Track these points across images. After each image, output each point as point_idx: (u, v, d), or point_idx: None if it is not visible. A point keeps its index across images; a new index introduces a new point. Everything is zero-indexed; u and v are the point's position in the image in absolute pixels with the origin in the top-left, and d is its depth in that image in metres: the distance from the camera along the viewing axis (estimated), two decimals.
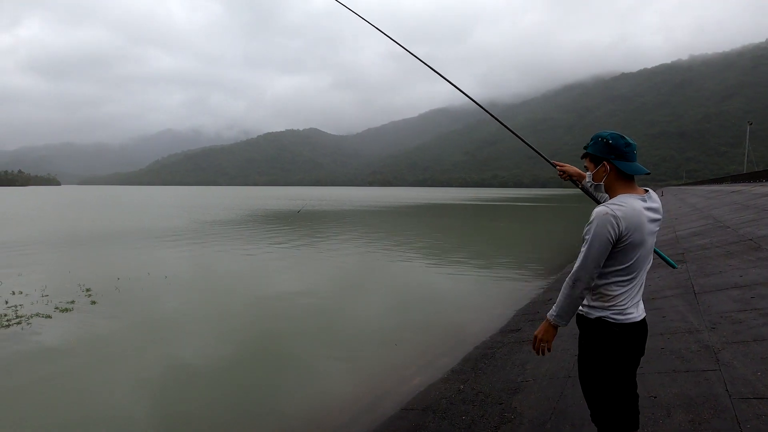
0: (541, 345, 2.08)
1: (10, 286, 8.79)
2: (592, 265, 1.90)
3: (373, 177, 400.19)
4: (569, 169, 2.61)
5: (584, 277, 1.91)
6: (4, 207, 41.13)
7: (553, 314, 2.03)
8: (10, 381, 4.86)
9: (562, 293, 2.00)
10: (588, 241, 1.90)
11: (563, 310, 2.00)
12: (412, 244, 16.09)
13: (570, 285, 1.95)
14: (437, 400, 4.13)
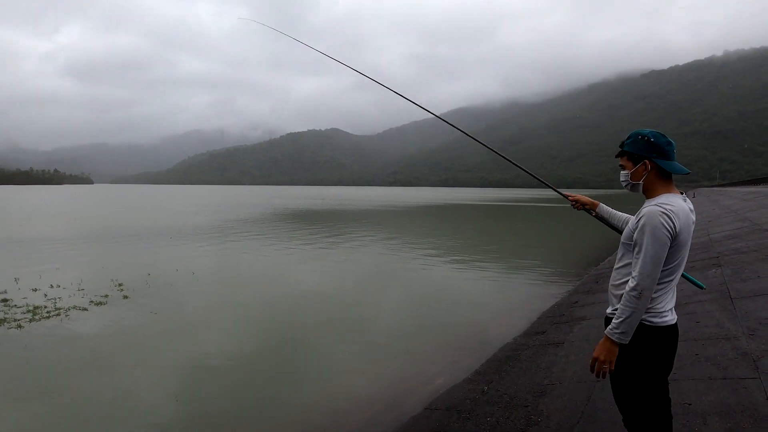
0: (603, 368, 1.91)
1: (48, 279, 9.21)
2: (654, 270, 1.79)
3: (394, 177, 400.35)
4: (582, 198, 2.54)
5: (648, 285, 1.80)
6: (41, 204, 43.07)
7: (617, 331, 1.86)
8: (50, 368, 5.10)
9: (625, 308, 1.83)
10: (644, 245, 1.81)
11: (629, 326, 1.83)
12: (432, 245, 16.03)
13: (635, 297, 1.81)
14: (461, 400, 4.11)
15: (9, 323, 6.44)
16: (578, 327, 5.62)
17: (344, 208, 41.46)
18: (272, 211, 34.41)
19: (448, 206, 46.79)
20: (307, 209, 38.41)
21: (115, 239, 16.78)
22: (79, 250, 14.03)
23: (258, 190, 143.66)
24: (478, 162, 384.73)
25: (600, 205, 2.50)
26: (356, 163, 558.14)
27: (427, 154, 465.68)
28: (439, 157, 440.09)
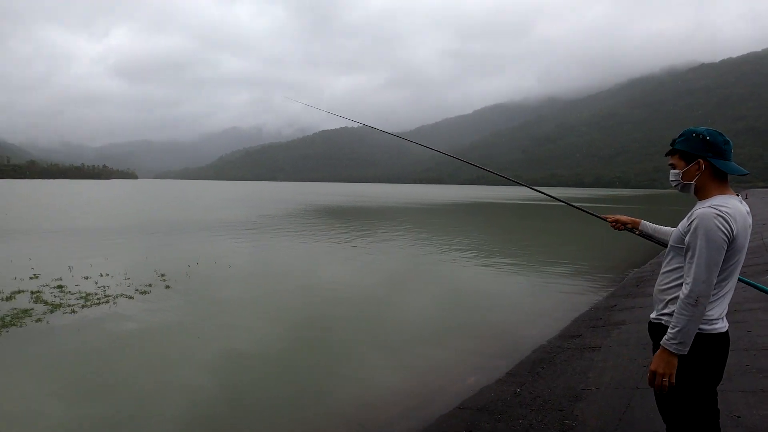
0: (663, 381, 1.81)
1: (98, 268, 9.80)
2: (710, 276, 1.71)
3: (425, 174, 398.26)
4: (621, 218, 2.46)
5: (704, 291, 1.72)
6: (91, 198, 45.78)
7: (674, 342, 1.77)
8: (99, 352, 5.43)
9: (681, 317, 1.75)
10: (698, 249, 1.72)
11: (687, 335, 1.75)
12: (462, 243, 15.86)
13: (692, 305, 1.72)
14: (493, 401, 4.07)
15: (64, 308, 6.91)
16: (616, 331, 5.43)
17: (374, 204, 41.66)
18: (304, 207, 35.06)
19: (479, 204, 46.09)
20: (338, 206, 38.87)
21: (158, 231, 17.61)
22: (125, 241, 14.83)
23: (291, 186, 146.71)
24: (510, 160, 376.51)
25: (642, 223, 2.42)
26: (388, 160, 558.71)
27: (458, 152, 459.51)
28: (470, 154, 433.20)
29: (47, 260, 10.79)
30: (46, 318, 6.46)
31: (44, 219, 21.85)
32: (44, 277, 8.94)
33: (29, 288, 8.03)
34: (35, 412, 4.08)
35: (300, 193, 72.50)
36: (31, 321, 6.32)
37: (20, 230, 17.00)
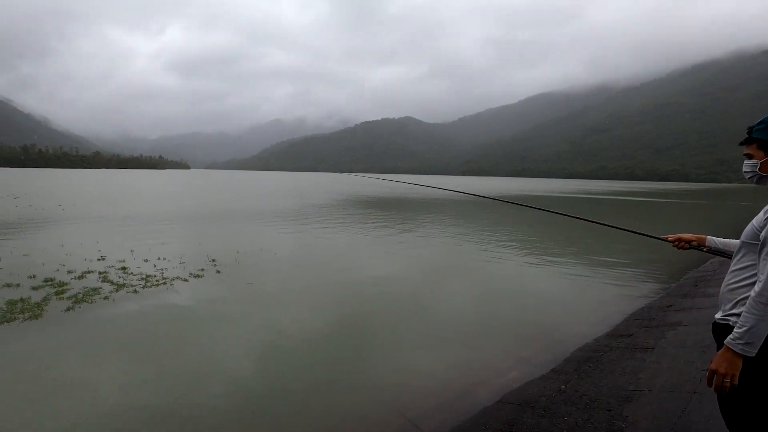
0: (724, 382, 1.73)
1: (156, 252, 10.49)
2: None
3: (467, 166, 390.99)
4: (685, 236, 2.35)
5: None
6: (149, 187, 48.78)
7: (740, 342, 1.68)
8: (157, 330, 5.85)
9: (750, 316, 1.66)
10: None
11: (756, 336, 1.65)
12: (505, 237, 15.51)
13: (764, 304, 1.63)
14: (536, 397, 4.01)
15: (128, 288, 7.47)
16: (672, 333, 5.15)
17: (415, 196, 41.52)
18: (345, 198, 35.55)
19: (523, 197, 44.74)
20: (379, 196, 39.09)
21: (210, 219, 18.53)
22: (180, 227, 15.74)
23: (332, 177, 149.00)
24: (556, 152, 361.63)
25: (708, 238, 2.30)
26: (429, 151, 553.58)
27: (502, 143, 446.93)
28: (514, 146, 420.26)
29: (112, 244, 11.67)
30: (112, 296, 7.02)
31: (109, 206, 23.58)
32: (110, 259, 9.69)
33: (97, 269, 8.74)
34: (98, 379, 4.47)
35: (342, 183, 73.55)
36: (100, 298, 6.90)
37: (89, 216, 18.46)
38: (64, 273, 8.36)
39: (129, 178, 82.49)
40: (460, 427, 3.70)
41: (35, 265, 8.95)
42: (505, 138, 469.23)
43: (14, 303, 6.48)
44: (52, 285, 7.52)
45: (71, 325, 5.83)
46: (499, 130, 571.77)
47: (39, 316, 6.05)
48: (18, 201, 24.73)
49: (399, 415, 3.98)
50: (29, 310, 6.18)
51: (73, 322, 5.92)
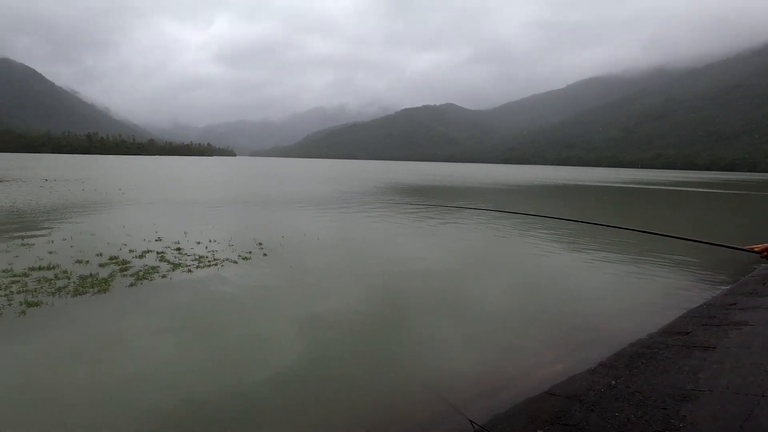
0: None
1: (207, 235, 11.04)
2: None
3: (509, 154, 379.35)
4: None
5: None
6: (198, 173, 51.15)
7: None
8: (210, 307, 6.18)
9: None
10: None
11: None
12: (550, 228, 15.00)
13: None
14: (584, 390, 3.90)
15: (182, 268, 7.93)
16: (736, 332, 4.82)
17: (455, 184, 40.93)
18: (385, 185, 35.65)
19: (570, 186, 42.92)
20: (418, 184, 38.88)
21: (255, 204, 19.22)
22: (229, 211, 16.44)
23: (372, 164, 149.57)
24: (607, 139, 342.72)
25: None
26: (470, 138, 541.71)
27: (547, 130, 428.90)
28: (561, 133, 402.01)
29: (167, 226, 12.39)
30: (169, 275, 7.48)
31: (164, 190, 24.99)
32: (166, 240, 10.31)
33: (155, 249, 9.33)
34: (155, 348, 4.80)
35: (382, 171, 73.71)
36: (158, 276, 7.37)
37: (146, 199, 19.68)
38: (126, 252, 9.00)
39: (180, 164, 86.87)
40: (504, 416, 3.68)
41: (101, 244, 9.68)
42: (550, 125, 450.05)
43: (85, 278, 7.07)
44: (117, 263, 8.11)
45: (134, 300, 6.28)
46: (545, 116, 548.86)
47: (106, 290, 6.56)
48: (84, 185, 26.75)
49: (440, 400, 4.01)
50: (98, 285, 6.71)
51: (136, 298, 6.38)
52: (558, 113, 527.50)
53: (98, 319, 5.55)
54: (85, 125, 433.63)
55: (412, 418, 3.78)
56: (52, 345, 4.85)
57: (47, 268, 7.63)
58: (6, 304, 5.85)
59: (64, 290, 6.46)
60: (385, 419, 3.75)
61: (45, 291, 6.40)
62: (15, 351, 4.67)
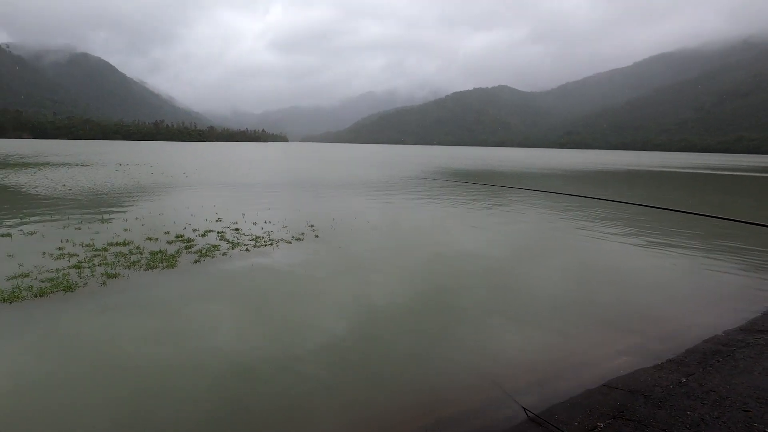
0: None
1: (263, 216, 11.50)
2: None
3: (566, 138, 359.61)
4: None
5: None
6: (254, 157, 53.32)
7: None
8: (264, 283, 6.45)
9: None
10: None
11: None
12: (611, 216, 14.10)
13: None
14: (649, 386, 3.65)
15: (241, 247, 8.34)
16: None
17: (505, 169, 39.56)
18: (434, 170, 35.20)
19: (637, 172, 40.00)
20: (468, 169, 37.99)
21: (308, 187, 19.74)
22: (284, 194, 17.03)
23: (421, 149, 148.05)
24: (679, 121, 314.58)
25: None
26: (523, 122, 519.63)
27: (610, 112, 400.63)
28: (626, 114, 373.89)
29: (227, 207, 13.06)
30: (229, 253, 7.89)
31: (223, 174, 26.35)
32: (225, 221, 10.87)
33: (216, 229, 9.87)
34: (220, 320, 5.09)
35: (430, 155, 72.87)
36: (219, 254, 7.80)
37: (207, 182, 20.86)
38: (190, 231, 9.59)
39: (237, 149, 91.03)
40: (562, 406, 3.53)
41: (168, 223, 10.40)
42: (614, 106, 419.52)
43: (155, 254, 7.63)
44: (182, 241, 8.68)
45: (198, 275, 6.69)
46: (608, 97, 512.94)
47: (174, 266, 7.04)
48: (153, 169, 28.82)
49: (494, 386, 3.92)
50: (166, 261, 7.22)
51: (199, 273, 6.80)
52: (623, 93, 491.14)
53: (167, 292, 5.98)
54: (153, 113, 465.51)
55: (463, 402, 3.73)
56: (127, 316, 5.30)
57: (122, 243, 8.33)
58: (90, 275, 6.45)
59: (137, 264, 7.02)
60: (435, 402, 3.73)
61: (121, 264, 6.99)
62: (99, 319, 5.15)
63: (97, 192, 16.50)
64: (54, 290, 5.80)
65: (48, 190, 16.83)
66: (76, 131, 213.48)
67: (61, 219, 10.77)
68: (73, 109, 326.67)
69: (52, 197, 14.81)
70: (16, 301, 5.47)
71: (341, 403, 3.72)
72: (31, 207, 12.68)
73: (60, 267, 6.80)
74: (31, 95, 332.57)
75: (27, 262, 7.05)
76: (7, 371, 4.02)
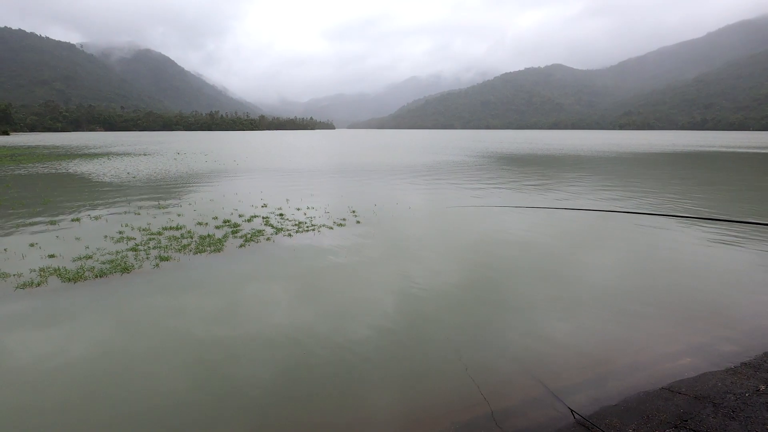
0: None
1: (307, 203, 11.66)
2: None
3: (626, 119, 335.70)
4: None
5: None
6: (301, 145, 54.49)
7: None
8: (310, 269, 6.50)
9: None
10: None
11: None
12: (672, 201, 12.94)
13: None
14: (720, 393, 3.25)
15: (284, 232, 8.48)
16: None
17: (558, 153, 37.58)
18: (480, 155, 34.13)
19: (708, 154, 36.54)
20: (514, 153, 36.49)
21: (351, 173, 19.83)
22: (326, 180, 17.22)
23: (467, 133, 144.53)
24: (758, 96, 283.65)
25: None
26: (578, 103, 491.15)
27: (676, 89, 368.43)
28: (695, 91, 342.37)
29: (271, 193, 13.39)
30: (273, 238, 8.05)
31: (271, 161, 27.12)
32: (270, 206, 11.13)
33: (261, 214, 10.13)
34: (268, 300, 5.17)
35: (477, 140, 70.89)
36: (263, 239, 7.98)
37: (255, 169, 21.54)
38: (236, 216, 9.91)
39: (285, 137, 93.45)
40: (612, 410, 3.24)
41: (217, 209, 10.81)
42: (681, 82, 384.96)
43: (204, 238, 7.94)
44: (229, 225, 8.98)
45: (244, 259, 6.88)
46: (674, 72, 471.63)
47: (220, 249, 7.29)
48: (207, 157, 30.22)
49: (538, 384, 3.68)
50: (214, 245, 7.49)
51: (245, 257, 6.99)
52: (692, 68, 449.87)
53: (216, 275, 6.18)
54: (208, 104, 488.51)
55: (507, 397, 3.53)
56: (183, 296, 5.53)
57: (175, 228, 8.74)
58: (145, 258, 6.82)
59: (187, 248, 7.33)
60: (477, 395, 3.55)
61: (173, 248, 7.33)
62: (149, 299, 5.42)
63: (157, 179, 17.53)
64: (113, 271, 6.18)
65: (114, 178, 18.11)
66: (141, 123, 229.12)
67: (123, 205, 11.53)
68: (138, 103, 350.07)
69: (117, 185, 15.91)
70: (80, 281, 5.88)
71: (389, 383, 3.74)
72: (99, 194, 13.69)
73: (119, 249, 7.25)
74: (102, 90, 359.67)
75: (91, 244, 7.58)
76: (92, 342, 4.37)
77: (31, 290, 5.58)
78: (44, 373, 3.85)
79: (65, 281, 5.85)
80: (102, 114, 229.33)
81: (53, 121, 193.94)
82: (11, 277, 6.01)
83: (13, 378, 3.77)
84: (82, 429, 3.19)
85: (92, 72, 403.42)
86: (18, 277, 5.98)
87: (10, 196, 13.24)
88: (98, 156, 32.50)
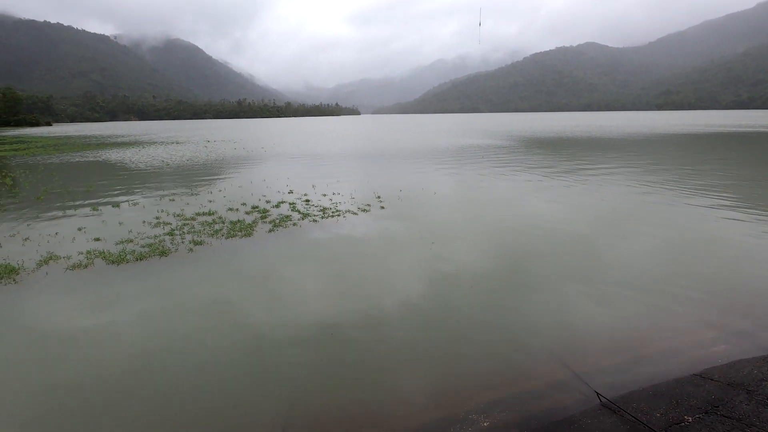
0: None
1: (332, 188, 11.80)
2: None
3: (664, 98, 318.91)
4: None
5: None
6: (327, 131, 54.76)
7: None
8: (333, 252, 6.63)
9: None
10: None
11: None
12: (713, 186, 12.33)
13: None
14: (755, 380, 3.17)
15: (310, 218, 8.65)
16: None
17: (586, 136, 36.25)
18: (507, 138, 33.37)
19: (753, 135, 34.40)
20: (542, 136, 35.46)
21: (376, 158, 19.85)
22: (352, 165, 17.32)
23: (495, 117, 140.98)
24: None
25: None
26: (613, 82, 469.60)
27: (721, 65, 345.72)
28: (742, 67, 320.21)
29: (298, 179, 13.60)
30: (299, 223, 8.23)
31: (297, 148, 27.46)
32: (296, 192, 11.34)
33: (288, 200, 10.34)
34: (300, 283, 5.35)
35: (504, 123, 69.21)
36: (290, 224, 8.18)
37: (282, 156, 21.88)
38: (264, 202, 10.16)
39: (311, 124, 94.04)
40: (640, 394, 3.22)
41: (246, 195, 11.10)
42: (726, 58, 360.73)
43: (235, 223, 8.21)
44: (258, 211, 9.23)
45: (274, 243, 7.09)
46: (719, 48, 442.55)
47: (250, 234, 7.53)
48: (236, 145, 30.88)
49: (564, 367, 3.68)
50: (244, 230, 7.74)
51: (274, 241, 7.20)
52: (738, 43, 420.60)
53: (246, 259, 6.41)
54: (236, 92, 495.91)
55: (531, 380, 3.55)
56: (213, 281, 5.78)
57: (207, 213, 9.07)
58: (180, 242, 7.13)
59: (219, 233, 7.61)
60: (503, 377, 3.60)
61: (206, 233, 7.62)
62: (187, 281, 5.69)
63: (189, 166, 18.11)
64: (151, 255, 6.50)
65: (149, 166, 18.82)
66: (172, 112, 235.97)
67: (158, 191, 12.01)
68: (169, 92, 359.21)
69: (152, 172, 16.55)
70: (122, 263, 6.22)
71: (419, 364, 3.84)
72: (137, 180, 14.29)
73: (157, 234, 7.60)
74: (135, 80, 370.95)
75: (132, 229, 7.98)
76: (143, 320, 4.67)
77: (80, 271, 5.96)
78: (97, 345, 4.15)
79: (109, 263, 6.22)
80: (136, 104, 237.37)
81: (91, 111, 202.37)
82: (62, 259, 6.43)
83: (69, 353, 4.08)
84: (141, 395, 3.43)
85: (125, 63, 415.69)
86: (67, 259, 6.39)
87: (56, 183, 14.01)
88: (136, 144, 33.76)
